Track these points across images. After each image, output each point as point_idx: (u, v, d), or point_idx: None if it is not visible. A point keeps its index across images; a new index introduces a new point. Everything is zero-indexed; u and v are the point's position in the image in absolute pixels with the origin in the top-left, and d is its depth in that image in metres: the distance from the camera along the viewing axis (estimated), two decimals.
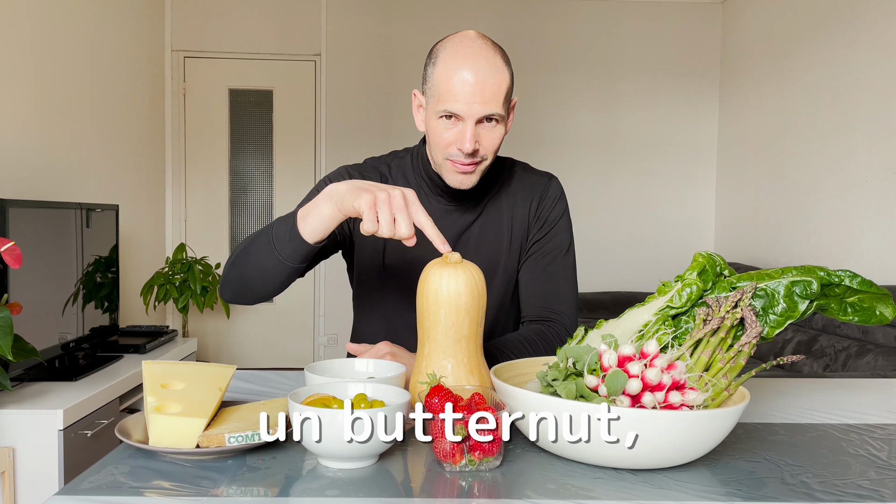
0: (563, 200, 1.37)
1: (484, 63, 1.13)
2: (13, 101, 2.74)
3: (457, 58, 1.14)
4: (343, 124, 4.68)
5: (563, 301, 1.32)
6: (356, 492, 0.77)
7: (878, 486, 0.81)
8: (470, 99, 1.13)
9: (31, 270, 2.27)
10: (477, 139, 1.16)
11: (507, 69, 1.17)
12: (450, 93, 1.14)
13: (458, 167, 1.19)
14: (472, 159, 1.18)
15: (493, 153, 1.20)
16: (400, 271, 1.31)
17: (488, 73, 1.13)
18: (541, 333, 1.27)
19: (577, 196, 4.77)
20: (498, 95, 1.14)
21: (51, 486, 2.06)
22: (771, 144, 4.10)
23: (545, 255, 1.33)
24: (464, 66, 1.13)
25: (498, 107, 1.15)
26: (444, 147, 1.18)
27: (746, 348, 0.89)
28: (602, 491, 0.78)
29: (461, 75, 1.13)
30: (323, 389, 0.90)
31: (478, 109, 1.13)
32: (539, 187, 1.35)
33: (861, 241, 3.27)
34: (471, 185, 1.22)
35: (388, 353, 1.13)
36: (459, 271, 0.97)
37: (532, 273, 1.33)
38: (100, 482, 0.79)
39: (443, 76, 1.15)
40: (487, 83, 1.13)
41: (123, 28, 3.85)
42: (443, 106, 1.15)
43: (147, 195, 4.24)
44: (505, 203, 1.33)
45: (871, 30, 3.24)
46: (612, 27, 4.77)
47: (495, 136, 1.18)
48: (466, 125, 1.14)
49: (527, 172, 1.38)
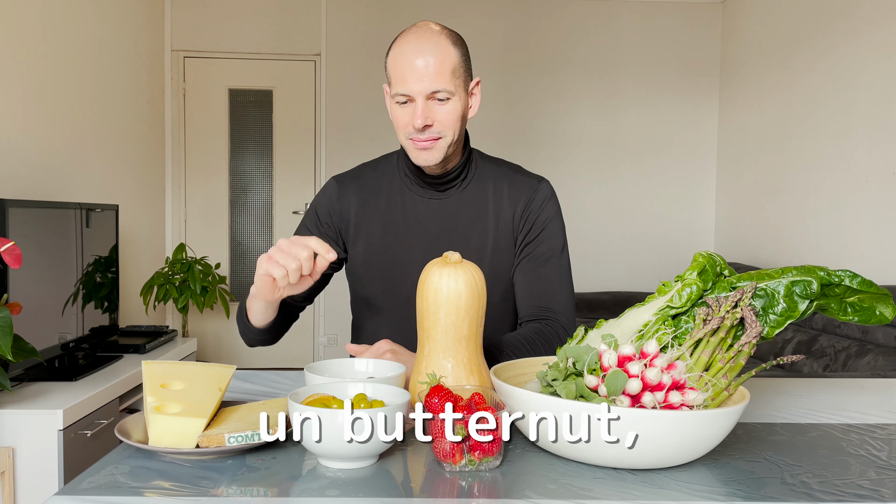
0: (552, 202, 1.38)
1: (426, 43, 1.22)
2: (13, 101, 2.74)
3: (403, 44, 1.24)
4: (343, 124, 4.68)
5: (559, 301, 1.33)
6: (356, 492, 0.77)
7: (878, 486, 0.81)
8: (415, 77, 1.21)
9: (31, 270, 2.27)
10: (429, 115, 1.23)
11: (455, 48, 1.24)
12: (398, 76, 1.23)
13: (417, 144, 1.25)
14: (429, 136, 1.24)
15: (453, 130, 1.26)
16: (385, 270, 1.35)
17: (430, 52, 1.21)
18: (539, 332, 1.28)
19: (577, 196, 4.78)
20: (441, 72, 1.21)
21: (51, 486, 2.06)
22: (771, 144, 4.10)
23: (538, 256, 1.35)
24: (408, 49, 1.22)
25: (444, 82, 1.21)
26: (403, 128, 1.26)
27: (746, 348, 0.89)
28: (602, 491, 0.78)
29: (406, 58, 1.22)
30: (323, 389, 0.90)
31: (424, 86, 1.21)
32: (527, 189, 1.37)
33: (861, 241, 3.27)
34: (434, 161, 1.27)
35: (389, 350, 1.14)
36: (459, 271, 0.97)
37: (527, 275, 1.35)
38: (100, 482, 0.79)
39: (392, 63, 1.24)
40: (430, 60, 1.21)
41: (123, 28, 3.85)
42: (395, 90, 1.24)
43: (147, 195, 4.24)
44: (492, 200, 1.36)
45: (871, 30, 3.24)
46: (612, 27, 4.77)
47: (448, 110, 1.24)
48: (417, 103, 1.22)
49: (517, 174, 1.40)
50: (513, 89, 4.76)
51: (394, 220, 1.35)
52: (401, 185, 1.37)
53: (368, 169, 1.42)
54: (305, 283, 1.07)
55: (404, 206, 1.36)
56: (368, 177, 1.40)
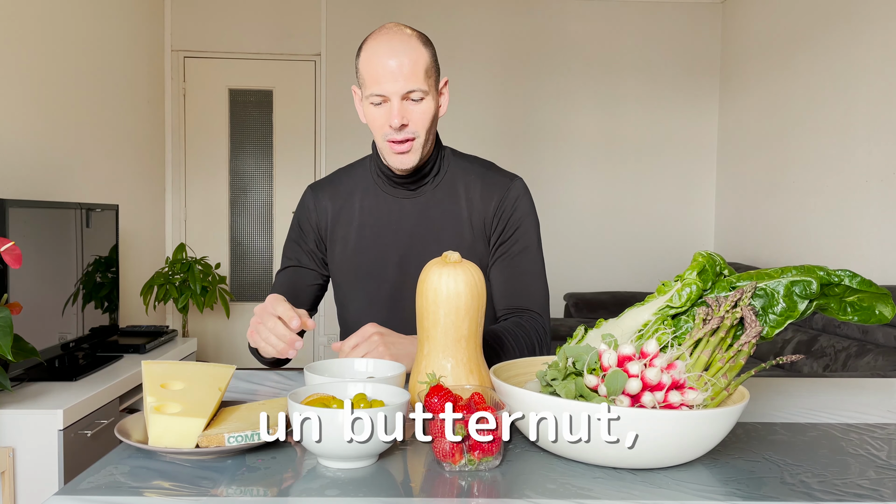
0: (525, 199, 1.39)
1: (398, 44, 1.24)
2: (13, 101, 2.74)
3: (374, 45, 1.25)
4: (343, 124, 4.68)
5: (533, 300, 1.35)
6: (356, 492, 0.77)
7: (878, 485, 0.81)
8: (390, 77, 1.22)
9: (31, 270, 2.27)
10: (404, 115, 1.24)
11: (426, 49, 1.26)
12: (372, 76, 1.24)
13: (395, 147, 1.27)
14: (405, 136, 1.26)
15: (425, 130, 1.27)
16: (363, 272, 1.37)
17: (403, 52, 1.23)
18: (518, 325, 1.30)
19: (576, 196, 4.78)
20: (415, 72, 1.23)
21: (51, 486, 2.06)
22: (771, 144, 4.10)
23: (513, 256, 1.36)
24: (380, 50, 1.24)
25: (418, 82, 1.24)
26: (379, 129, 1.27)
27: (746, 348, 0.89)
28: (602, 491, 0.78)
29: (380, 59, 1.23)
30: (322, 389, 0.90)
31: (399, 86, 1.23)
32: (500, 187, 1.38)
33: (861, 241, 3.27)
34: (412, 164, 1.29)
35: (376, 332, 1.15)
36: (459, 271, 0.97)
37: (502, 274, 1.36)
38: (100, 482, 0.79)
39: (365, 64, 1.26)
40: (404, 61, 1.23)
41: (123, 28, 3.85)
42: (369, 90, 1.25)
43: (147, 195, 4.24)
44: (464, 198, 1.37)
45: (871, 30, 3.23)
46: (612, 27, 4.77)
47: (422, 111, 1.26)
48: (392, 103, 1.24)
49: (489, 171, 1.41)
50: (513, 89, 4.76)
51: (368, 223, 1.37)
52: (374, 187, 1.38)
53: (343, 174, 1.44)
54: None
55: (377, 207, 1.37)
56: (343, 181, 1.42)
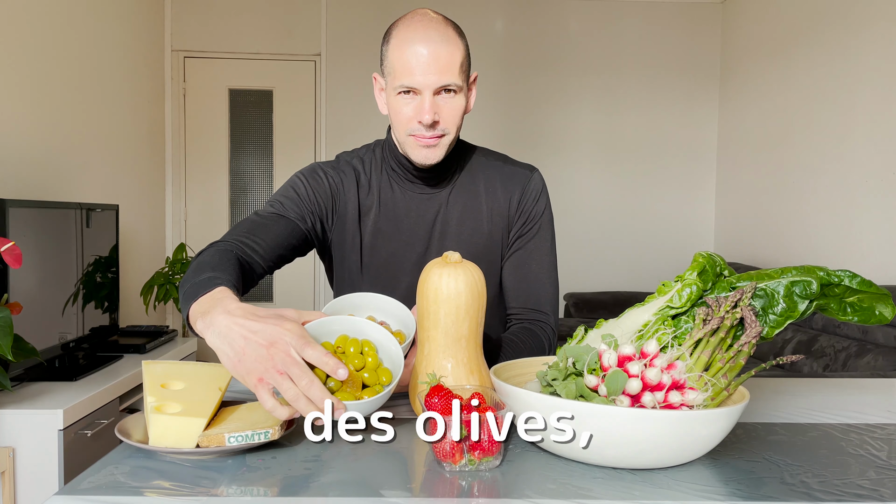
0: (545, 194, 1.35)
1: (435, 34, 1.15)
2: (13, 101, 2.74)
3: (409, 32, 1.16)
4: (343, 124, 4.68)
5: (545, 302, 1.32)
6: (356, 491, 0.77)
7: (878, 485, 0.81)
8: (425, 70, 1.14)
9: (31, 270, 2.27)
10: (436, 111, 1.16)
11: (461, 40, 1.18)
12: (405, 67, 1.15)
13: (421, 141, 1.19)
14: (434, 132, 1.18)
15: (455, 127, 1.20)
16: (379, 268, 1.32)
17: (440, 44, 1.14)
18: (532, 335, 1.27)
19: (576, 196, 4.78)
20: (452, 65, 1.15)
21: (51, 486, 2.06)
22: (771, 144, 4.10)
23: (529, 252, 1.33)
24: (416, 40, 1.14)
25: (454, 76, 1.16)
26: (405, 123, 1.19)
27: (746, 348, 0.89)
28: (602, 491, 0.78)
29: (414, 48, 1.14)
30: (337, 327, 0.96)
31: (434, 80, 1.14)
32: (521, 179, 1.33)
33: (861, 241, 3.27)
34: (436, 160, 1.22)
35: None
36: (459, 271, 0.97)
37: (517, 271, 1.33)
38: (100, 482, 0.79)
39: (397, 52, 1.16)
40: (440, 53, 1.14)
41: (123, 28, 3.85)
42: (399, 81, 1.16)
43: (147, 195, 4.24)
44: (484, 192, 1.32)
45: (871, 30, 3.23)
46: (612, 27, 4.77)
47: (454, 106, 1.18)
48: (424, 97, 1.15)
49: (507, 164, 1.36)
50: (513, 89, 4.76)
51: (386, 217, 1.30)
52: (389, 181, 1.31)
53: (355, 160, 1.33)
54: None
55: (395, 202, 1.30)
56: (358, 168, 1.32)
